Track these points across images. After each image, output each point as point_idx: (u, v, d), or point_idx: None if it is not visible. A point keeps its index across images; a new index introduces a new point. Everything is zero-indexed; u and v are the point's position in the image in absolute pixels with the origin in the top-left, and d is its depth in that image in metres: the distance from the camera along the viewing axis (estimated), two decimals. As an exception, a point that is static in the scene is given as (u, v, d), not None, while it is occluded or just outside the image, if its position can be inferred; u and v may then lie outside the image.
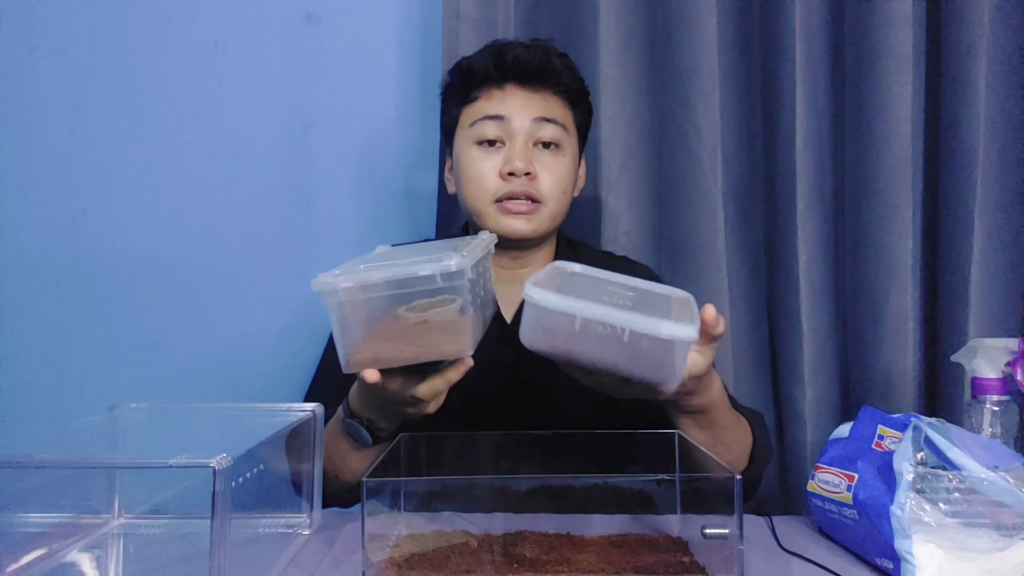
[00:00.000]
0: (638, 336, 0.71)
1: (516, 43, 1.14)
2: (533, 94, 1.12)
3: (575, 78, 1.17)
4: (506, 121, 1.10)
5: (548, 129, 1.11)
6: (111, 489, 0.87)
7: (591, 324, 0.73)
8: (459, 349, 0.81)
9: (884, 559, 0.76)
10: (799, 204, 1.32)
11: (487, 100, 1.12)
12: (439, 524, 0.81)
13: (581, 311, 0.73)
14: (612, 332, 0.72)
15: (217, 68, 1.51)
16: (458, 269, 0.75)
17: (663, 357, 0.74)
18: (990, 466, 0.75)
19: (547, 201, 1.10)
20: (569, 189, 1.14)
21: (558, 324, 0.75)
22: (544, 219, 1.11)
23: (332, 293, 0.76)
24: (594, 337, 0.73)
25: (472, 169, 1.11)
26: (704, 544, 0.75)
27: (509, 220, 1.09)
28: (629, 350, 0.73)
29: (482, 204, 1.10)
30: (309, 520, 0.89)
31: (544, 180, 1.10)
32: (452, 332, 0.79)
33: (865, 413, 0.91)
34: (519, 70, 1.12)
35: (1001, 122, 1.28)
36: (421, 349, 0.80)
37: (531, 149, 1.10)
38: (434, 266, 0.75)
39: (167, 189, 1.50)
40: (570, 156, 1.14)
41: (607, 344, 0.73)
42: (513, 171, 1.07)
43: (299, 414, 0.87)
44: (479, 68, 1.13)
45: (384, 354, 0.80)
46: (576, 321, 0.73)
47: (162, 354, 1.49)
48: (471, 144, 1.12)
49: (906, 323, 1.29)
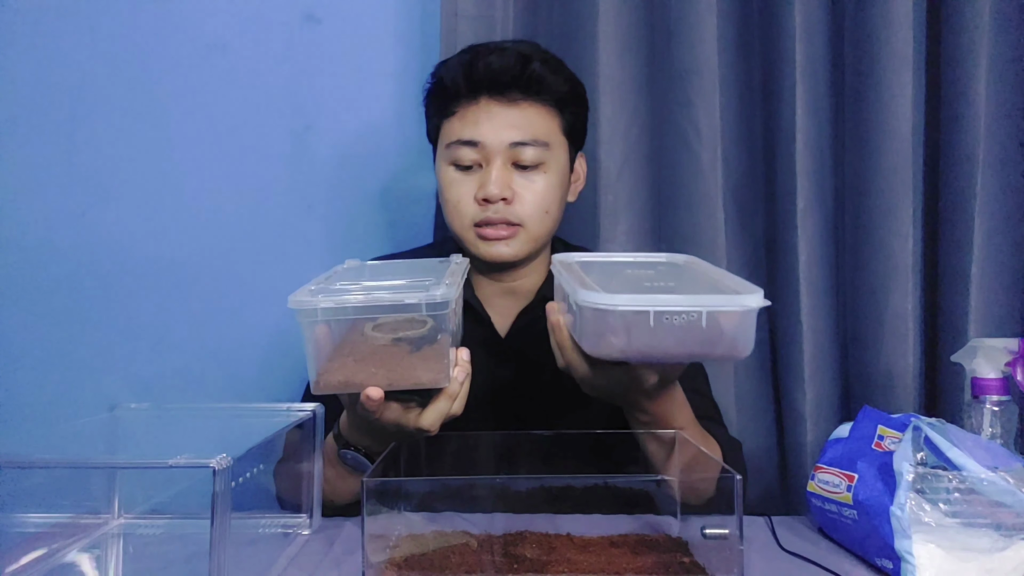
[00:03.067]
0: (715, 317, 0.69)
1: (492, 47, 1.06)
2: (510, 108, 1.04)
3: (562, 81, 1.08)
4: (481, 146, 1.03)
5: (527, 152, 1.03)
6: (111, 489, 0.87)
7: (666, 316, 0.69)
8: (435, 379, 0.78)
9: (884, 559, 0.76)
10: (799, 204, 1.32)
11: (461, 120, 1.05)
12: (439, 524, 0.81)
13: (654, 304, 0.69)
14: (688, 319, 0.69)
15: (217, 68, 1.51)
16: (443, 300, 0.74)
17: (738, 329, 0.71)
18: (990, 466, 0.75)
19: (527, 224, 1.05)
20: (554, 207, 1.08)
21: (629, 324, 0.70)
22: (525, 242, 1.06)
23: (309, 313, 0.75)
24: (669, 329, 0.70)
25: (449, 192, 1.06)
26: (704, 544, 0.75)
27: (488, 246, 1.05)
28: (706, 334, 0.70)
29: (461, 229, 1.06)
30: (309, 520, 0.89)
31: (523, 203, 1.04)
32: (428, 359, 0.77)
33: (865, 413, 0.91)
34: (492, 82, 1.04)
35: (1001, 122, 1.27)
36: (394, 375, 0.77)
37: (509, 171, 1.04)
38: (420, 295, 0.74)
39: (167, 189, 1.50)
40: (555, 171, 1.07)
41: (683, 332, 0.70)
42: (487, 197, 1.02)
43: (299, 414, 0.87)
44: (450, 82, 1.06)
45: (356, 377, 0.77)
46: (650, 316, 0.69)
47: (162, 354, 1.49)
48: (448, 164, 1.07)
49: (906, 323, 1.29)
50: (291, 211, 1.51)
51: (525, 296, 1.14)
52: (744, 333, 0.71)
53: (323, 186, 1.51)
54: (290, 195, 1.51)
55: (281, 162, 1.51)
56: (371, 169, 1.52)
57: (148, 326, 1.49)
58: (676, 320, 0.69)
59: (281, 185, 1.51)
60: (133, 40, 1.50)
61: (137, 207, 1.50)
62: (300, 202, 1.51)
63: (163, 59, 1.50)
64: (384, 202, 1.52)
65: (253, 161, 1.51)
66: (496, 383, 1.09)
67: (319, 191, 1.51)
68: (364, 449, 0.90)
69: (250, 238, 1.50)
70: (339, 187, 1.52)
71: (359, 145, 1.52)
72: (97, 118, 1.50)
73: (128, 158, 1.50)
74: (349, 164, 1.52)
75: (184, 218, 1.50)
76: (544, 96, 1.06)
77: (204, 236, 1.50)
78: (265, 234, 1.50)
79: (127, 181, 1.50)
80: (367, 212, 1.52)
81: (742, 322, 0.71)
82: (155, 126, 1.50)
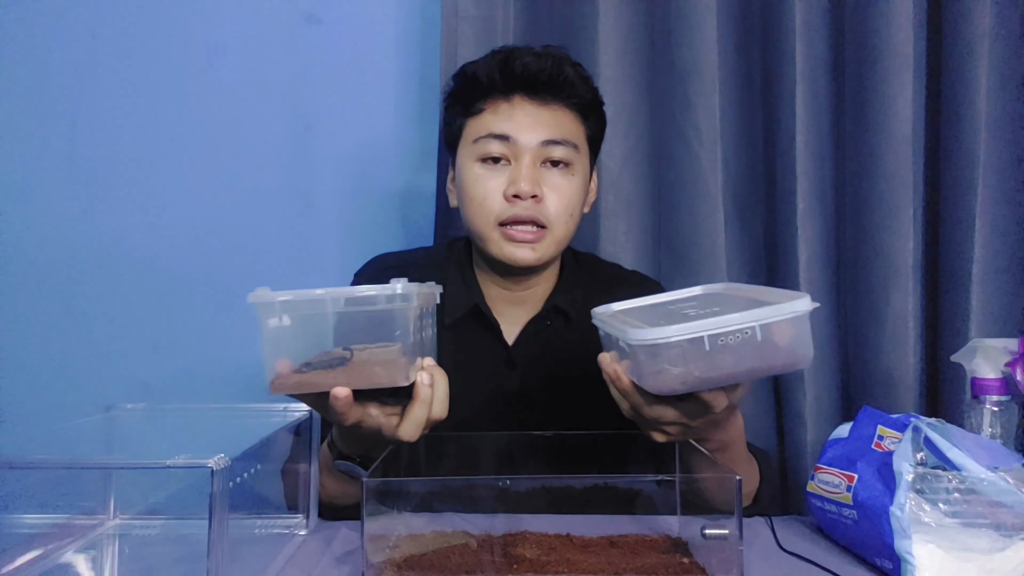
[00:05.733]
0: (769, 328, 0.68)
1: (525, 50, 1.06)
2: (542, 108, 1.04)
3: (588, 88, 1.08)
4: (512, 141, 1.02)
5: (557, 151, 1.03)
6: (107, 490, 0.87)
7: (719, 338, 0.69)
8: (392, 376, 0.76)
9: (884, 559, 0.76)
10: (799, 204, 1.32)
11: (492, 114, 1.04)
12: (439, 524, 0.81)
13: (705, 328, 0.68)
14: (743, 336, 0.68)
15: (217, 69, 1.51)
16: (404, 293, 0.74)
17: (794, 337, 0.70)
18: (990, 466, 0.75)
19: (553, 226, 1.03)
20: (577, 211, 1.07)
21: (686, 354, 0.70)
22: (550, 246, 1.04)
23: (268, 307, 0.74)
24: (726, 350, 0.69)
25: (475, 189, 1.04)
26: (704, 544, 0.75)
27: (513, 248, 1.03)
28: (763, 348, 0.69)
29: (485, 227, 1.03)
30: (306, 521, 0.88)
31: (551, 203, 1.03)
32: (384, 358, 0.77)
33: (865, 413, 0.91)
34: (528, 81, 1.03)
35: (1003, 122, 1.28)
36: (351, 375, 0.76)
37: (538, 169, 1.03)
38: (378, 288, 0.74)
39: (167, 189, 1.50)
40: (580, 174, 1.06)
41: (741, 351, 0.69)
42: (518, 193, 1.00)
43: (296, 414, 0.87)
44: (484, 77, 1.04)
45: (312, 379, 0.76)
46: (704, 341, 0.68)
47: (160, 354, 1.49)
48: (474, 161, 1.04)
49: (906, 323, 1.29)
50: (291, 211, 1.51)
51: (534, 304, 1.13)
52: (801, 339, 0.71)
53: (323, 186, 1.52)
54: (290, 195, 1.51)
55: (281, 162, 1.51)
56: (371, 169, 1.52)
57: (146, 326, 1.50)
58: (731, 340, 0.69)
59: (281, 185, 1.51)
60: (133, 41, 1.51)
61: (137, 207, 1.50)
62: (300, 202, 1.52)
63: (163, 60, 1.51)
64: (384, 202, 1.52)
65: (253, 161, 1.51)
66: (502, 390, 1.09)
67: (319, 191, 1.52)
68: (358, 458, 0.90)
69: (250, 238, 1.50)
70: (339, 187, 1.52)
71: (359, 145, 1.52)
72: (97, 118, 1.50)
73: (128, 158, 1.50)
74: (349, 164, 1.52)
75: (183, 218, 1.50)
76: (573, 100, 1.06)
77: (203, 236, 1.50)
78: (265, 234, 1.50)
79: (127, 181, 1.50)
80: (367, 212, 1.52)
81: (796, 329, 0.70)
82: (155, 126, 1.50)
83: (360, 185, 1.52)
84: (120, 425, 0.88)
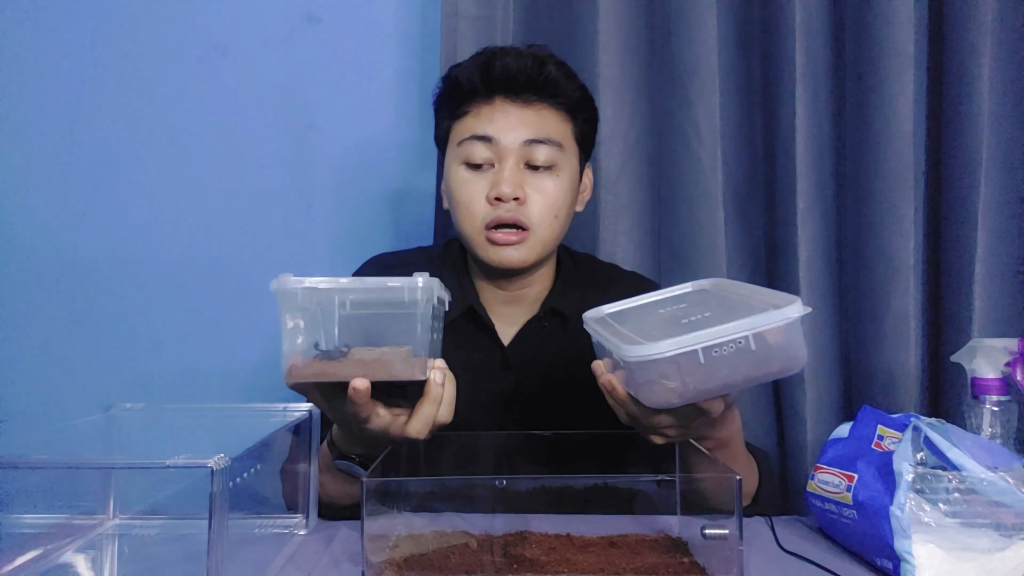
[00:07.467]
0: (763, 336, 0.68)
1: (508, 50, 1.06)
2: (525, 108, 1.04)
3: (575, 87, 1.08)
4: (495, 142, 1.03)
5: (540, 151, 1.03)
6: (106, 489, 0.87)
7: (714, 349, 0.68)
8: (411, 371, 0.78)
9: (884, 559, 0.76)
10: (799, 204, 1.32)
11: (475, 117, 1.05)
12: (439, 524, 0.81)
13: (699, 341, 0.68)
14: (737, 346, 0.68)
15: (218, 69, 1.51)
16: (425, 286, 0.75)
17: (787, 342, 0.70)
18: (990, 466, 0.75)
19: (536, 228, 1.03)
20: (563, 212, 1.06)
21: (681, 367, 0.69)
22: (534, 247, 1.04)
23: (290, 294, 0.75)
24: (721, 361, 0.69)
25: (460, 193, 1.05)
26: (704, 544, 0.75)
27: (497, 251, 1.03)
28: (758, 356, 0.69)
29: (471, 231, 1.05)
30: (306, 521, 0.88)
31: (534, 204, 1.03)
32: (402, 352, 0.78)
33: (865, 413, 0.91)
34: (508, 82, 1.04)
35: (1004, 121, 1.27)
36: (368, 368, 0.77)
37: (521, 171, 1.03)
38: (402, 280, 0.76)
39: (167, 189, 1.50)
40: (567, 174, 1.06)
41: (735, 360, 0.69)
42: (500, 196, 1.01)
43: (296, 414, 0.87)
44: (466, 81, 1.05)
45: (328, 369, 0.77)
46: (699, 354, 0.68)
47: (160, 354, 1.49)
48: (459, 164, 1.05)
49: (907, 323, 1.29)
50: (291, 211, 1.51)
51: (530, 305, 1.13)
52: (795, 344, 0.71)
53: (324, 186, 1.52)
54: (290, 195, 1.51)
55: (281, 162, 1.51)
56: (371, 169, 1.52)
57: (146, 326, 1.50)
58: (725, 350, 0.68)
59: (281, 185, 1.51)
60: (133, 40, 1.51)
61: (137, 207, 1.50)
62: (300, 202, 1.52)
63: (164, 59, 1.51)
64: (384, 202, 1.52)
65: (253, 161, 1.51)
66: (498, 391, 1.08)
67: (320, 191, 1.52)
68: (358, 458, 0.90)
69: (250, 238, 1.50)
70: (339, 187, 1.52)
71: (359, 145, 1.52)
72: (97, 118, 1.50)
73: (128, 158, 1.50)
74: (350, 164, 1.52)
75: (184, 218, 1.50)
76: (558, 99, 1.06)
77: (203, 236, 1.50)
78: (265, 234, 1.50)
79: (127, 181, 1.50)
80: (367, 212, 1.52)
81: (789, 334, 0.70)
82: (155, 126, 1.51)
83: (360, 184, 1.52)
84: (120, 425, 0.88)
